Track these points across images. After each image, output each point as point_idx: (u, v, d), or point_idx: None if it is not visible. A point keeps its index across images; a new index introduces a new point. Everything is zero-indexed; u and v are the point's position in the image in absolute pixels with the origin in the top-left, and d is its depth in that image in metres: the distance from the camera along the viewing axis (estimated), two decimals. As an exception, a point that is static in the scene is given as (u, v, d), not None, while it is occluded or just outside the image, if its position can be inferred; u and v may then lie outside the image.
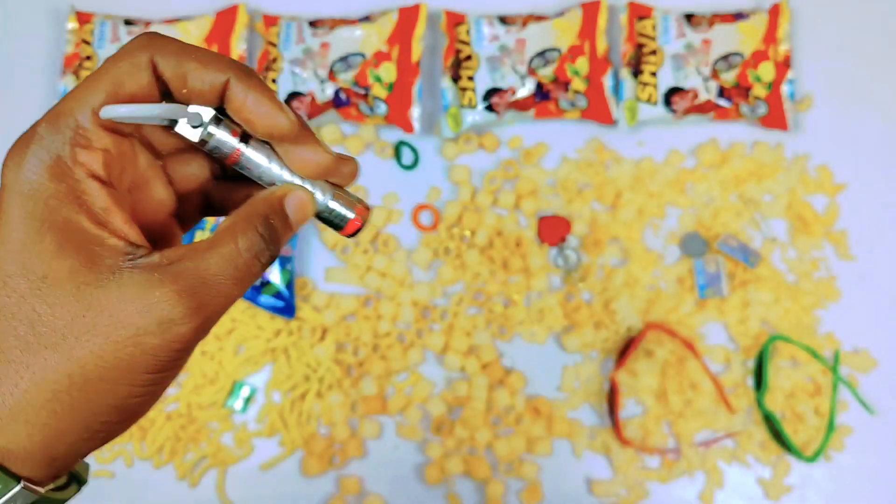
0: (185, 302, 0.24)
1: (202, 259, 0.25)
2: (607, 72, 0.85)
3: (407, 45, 0.84)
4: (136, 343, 0.24)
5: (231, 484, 0.79)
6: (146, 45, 0.26)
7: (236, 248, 0.26)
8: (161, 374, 0.26)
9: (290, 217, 0.29)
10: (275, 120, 0.27)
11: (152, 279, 0.24)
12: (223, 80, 0.26)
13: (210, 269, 0.25)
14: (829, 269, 0.84)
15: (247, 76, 0.27)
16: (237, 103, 0.27)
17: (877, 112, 0.89)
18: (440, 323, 0.82)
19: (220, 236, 0.26)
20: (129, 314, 0.24)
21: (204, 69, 0.26)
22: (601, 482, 0.79)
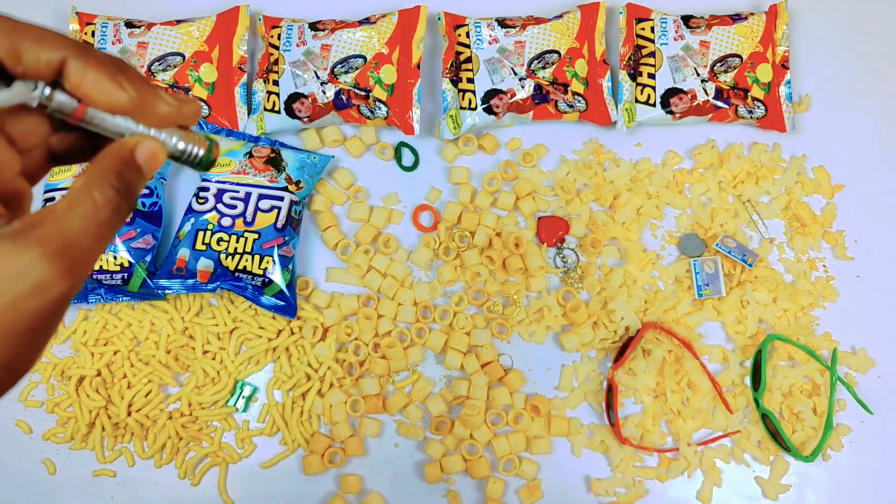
0: (55, 264, 0.25)
1: (64, 221, 0.26)
2: (606, 74, 0.86)
3: (407, 47, 0.85)
4: (14, 308, 0.25)
5: (232, 482, 0.80)
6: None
7: (95, 206, 0.27)
8: (40, 332, 0.26)
9: (143, 167, 0.29)
10: (114, 97, 0.28)
11: (18, 246, 0.25)
12: (59, 57, 0.27)
13: (73, 230, 0.26)
14: (827, 270, 0.85)
15: (84, 54, 0.27)
16: (75, 80, 0.27)
17: (874, 113, 0.89)
18: (440, 322, 0.82)
19: (76, 195, 0.27)
20: (2, 282, 0.25)
21: (39, 47, 0.26)
22: (600, 480, 0.79)
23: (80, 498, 0.80)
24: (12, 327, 0.25)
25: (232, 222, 0.79)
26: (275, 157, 0.82)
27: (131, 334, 0.81)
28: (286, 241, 0.80)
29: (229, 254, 0.78)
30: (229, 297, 0.82)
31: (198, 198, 0.80)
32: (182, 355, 0.81)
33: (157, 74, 0.84)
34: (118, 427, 0.80)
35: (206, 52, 0.85)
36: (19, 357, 0.26)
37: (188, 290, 0.79)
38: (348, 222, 0.86)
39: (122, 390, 0.80)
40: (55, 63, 0.27)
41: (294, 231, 0.81)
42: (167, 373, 0.81)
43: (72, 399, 0.80)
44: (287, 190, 0.81)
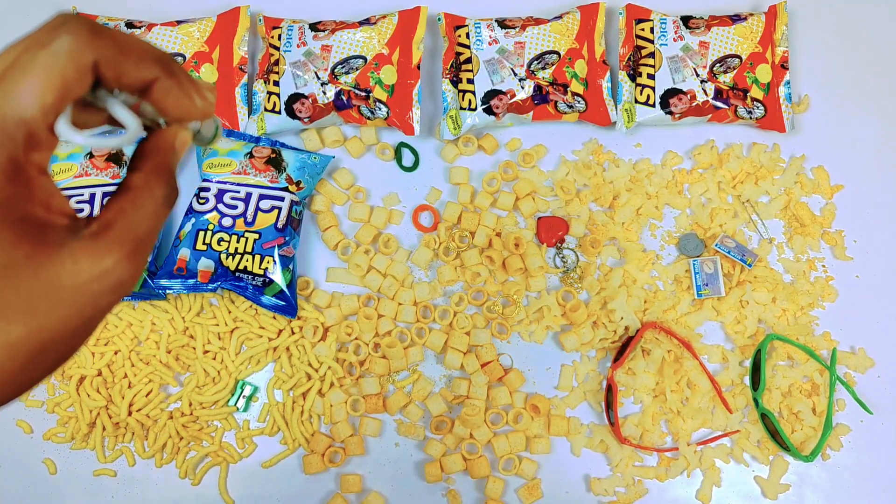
0: (132, 264, 0.28)
1: (134, 220, 0.29)
2: (605, 74, 0.86)
3: (407, 48, 0.85)
4: (95, 306, 0.27)
5: (233, 482, 0.80)
6: (88, 46, 0.27)
7: (156, 203, 0.30)
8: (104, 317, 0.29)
9: (179, 153, 0.32)
10: (187, 111, 0.30)
11: (100, 248, 0.27)
12: (152, 77, 0.29)
13: (142, 228, 0.29)
14: (826, 270, 0.85)
15: (171, 76, 0.29)
16: (158, 96, 0.29)
17: (873, 114, 0.89)
18: (440, 322, 0.83)
19: (140, 194, 0.29)
20: (87, 284, 0.27)
21: (137, 71, 0.28)
22: (599, 480, 0.79)
23: (81, 497, 0.80)
24: (89, 321, 0.28)
25: (232, 222, 0.79)
26: (275, 158, 0.82)
27: (132, 334, 0.82)
28: (287, 242, 0.80)
29: (230, 254, 0.78)
30: (230, 297, 0.82)
31: (198, 198, 0.80)
32: (183, 355, 0.81)
33: (158, 75, 0.84)
34: (119, 427, 0.80)
35: (207, 53, 0.85)
36: (78, 346, 0.29)
37: (189, 290, 0.79)
38: (349, 222, 0.86)
39: (122, 390, 0.80)
40: (147, 81, 0.29)
41: (294, 231, 0.81)
42: (168, 372, 0.81)
43: (72, 399, 0.80)
44: (287, 190, 0.81)
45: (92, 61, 0.27)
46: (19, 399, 0.81)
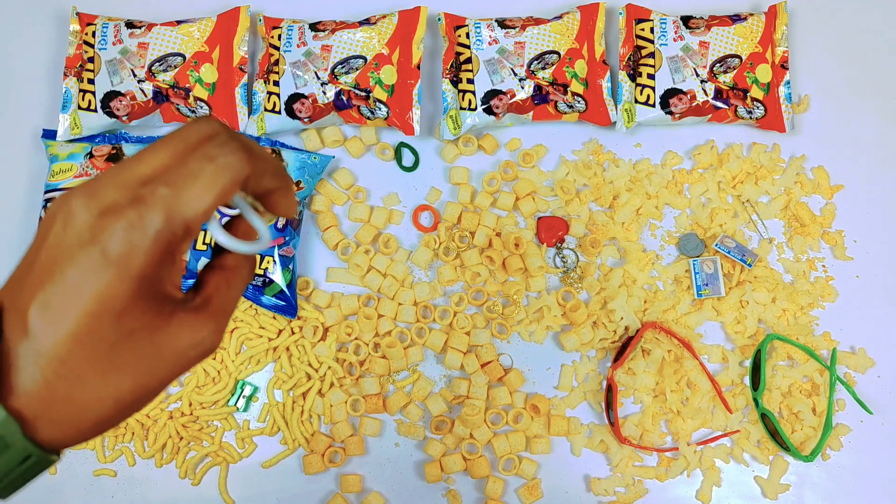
0: (220, 335, 0.34)
1: (228, 298, 0.35)
2: (605, 74, 0.86)
3: (407, 48, 0.85)
4: (186, 368, 0.33)
5: (233, 482, 0.80)
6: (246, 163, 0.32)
7: (244, 282, 0.36)
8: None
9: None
10: (287, 214, 0.36)
11: (200, 321, 0.33)
12: (273, 188, 0.34)
13: (232, 305, 0.35)
14: (826, 270, 0.85)
15: (286, 188, 0.35)
16: (276, 200, 0.35)
17: (873, 114, 0.89)
18: (440, 322, 0.83)
19: (233, 274, 0.35)
20: (186, 349, 0.32)
21: (268, 183, 0.34)
22: (599, 480, 0.79)
23: (81, 497, 0.80)
24: (176, 377, 0.33)
25: (232, 222, 0.79)
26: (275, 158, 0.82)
27: (132, 334, 0.81)
28: (287, 242, 0.80)
29: (230, 254, 0.78)
30: (230, 297, 0.82)
31: None
32: (183, 355, 0.81)
33: (158, 75, 0.84)
34: (118, 426, 0.80)
35: (207, 53, 0.85)
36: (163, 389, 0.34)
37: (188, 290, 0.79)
38: (348, 222, 0.86)
39: (122, 390, 0.80)
40: (268, 189, 0.34)
41: (294, 231, 0.81)
42: (168, 372, 0.81)
43: (72, 399, 0.80)
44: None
45: (247, 177, 0.32)
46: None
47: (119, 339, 0.30)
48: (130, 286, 0.30)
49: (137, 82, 0.84)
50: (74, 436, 0.31)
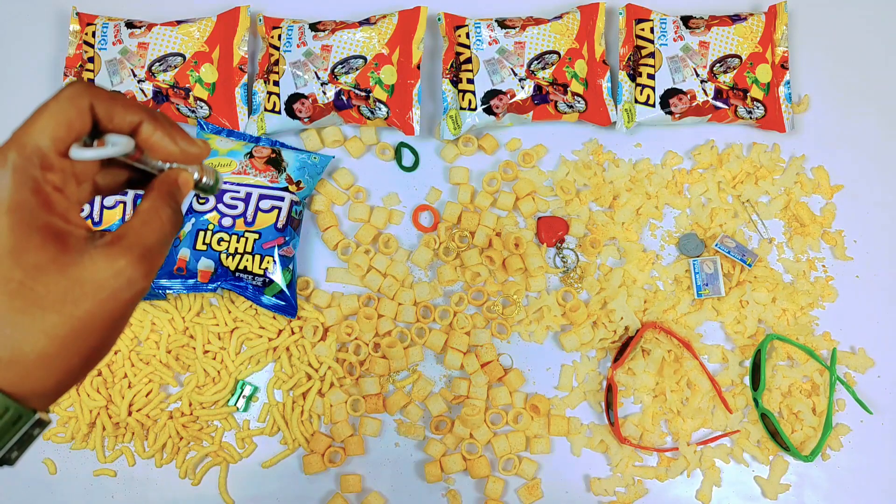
0: (140, 266, 0.35)
1: (142, 233, 0.36)
2: (605, 74, 0.86)
3: (407, 48, 0.85)
4: (114, 299, 0.34)
5: (233, 482, 0.80)
6: (84, 92, 0.35)
7: (161, 221, 0.37)
8: (123, 321, 0.36)
9: (182, 190, 0.39)
10: (169, 150, 0.38)
11: (113, 253, 0.34)
12: (138, 120, 0.36)
13: (150, 239, 0.36)
14: (826, 270, 0.85)
15: (154, 119, 0.37)
16: (145, 136, 0.37)
17: (873, 114, 0.89)
18: (440, 322, 0.83)
19: (147, 214, 0.37)
20: (105, 280, 0.34)
21: (125, 112, 0.36)
22: (599, 480, 0.79)
23: (81, 497, 0.80)
24: (111, 313, 0.34)
25: (232, 222, 0.79)
26: (275, 158, 0.82)
27: (132, 334, 0.82)
28: (287, 242, 0.80)
29: (230, 254, 0.78)
30: (230, 297, 0.82)
31: (198, 198, 0.80)
32: (183, 355, 0.81)
33: (158, 75, 0.84)
34: (119, 427, 0.80)
35: (207, 53, 0.85)
36: (109, 340, 0.35)
37: (189, 290, 0.79)
38: (348, 222, 0.86)
39: (122, 390, 0.80)
40: (134, 124, 0.36)
41: (294, 231, 0.81)
42: (168, 372, 0.81)
43: (72, 398, 0.80)
44: (287, 190, 0.81)
45: (88, 104, 0.34)
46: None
47: (27, 276, 0.32)
48: (9, 221, 0.32)
49: (137, 82, 0.84)
50: (27, 378, 0.33)
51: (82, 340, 0.34)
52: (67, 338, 0.33)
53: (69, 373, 0.34)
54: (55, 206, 0.34)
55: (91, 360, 0.35)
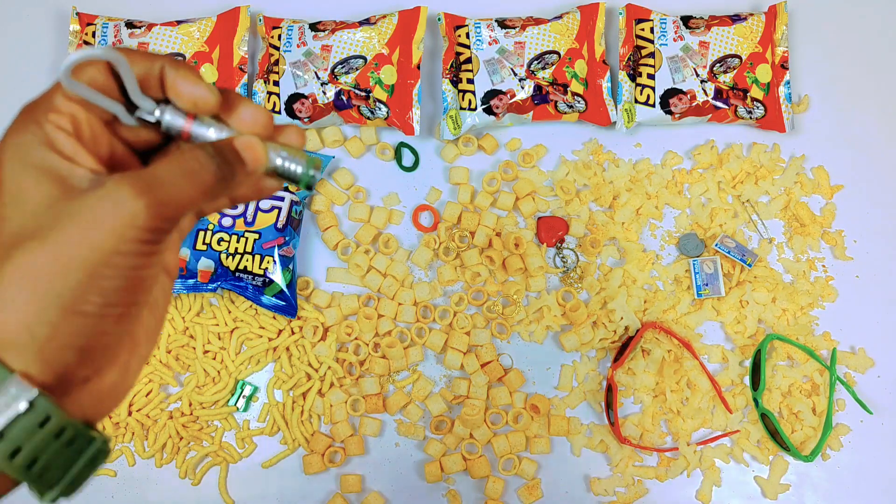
0: (144, 197, 0.29)
1: (157, 167, 0.31)
2: (605, 74, 0.86)
3: (407, 48, 0.85)
4: (112, 233, 0.29)
5: (233, 482, 0.80)
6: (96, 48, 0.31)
7: (184, 157, 0.31)
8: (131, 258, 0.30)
9: (242, 153, 0.33)
10: (197, 92, 0.33)
11: (113, 184, 0.30)
12: (159, 66, 0.32)
13: (165, 175, 0.31)
14: (826, 270, 0.85)
15: (175, 63, 0.33)
16: (168, 82, 0.33)
17: (873, 114, 0.89)
18: (440, 322, 0.83)
19: (177, 154, 0.32)
20: (101, 212, 0.29)
21: (144, 60, 0.32)
22: (599, 480, 0.79)
23: (81, 497, 0.80)
24: (109, 252, 0.29)
25: (232, 222, 0.79)
26: (275, 158, 0.82)
27: (132, 334, 0.81)
28: (287, 241, 0.80)
29: (230, 254, 0.78)
30: (230, 297, 0.82)
31: (286, 189, 0.80)
32: (183, 355, 0.81)
33: (158, 75, 0.84)
34: (119, 426, 0.80)
35: (207, 53, 0.85)
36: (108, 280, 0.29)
37: (189, 290, 0.79)
38: (348, 222, 0.86)
39: (122, 390, 0.80)
40: (156, 73, 0.32)
41: (294, 231, 0.81)
42: (168, 372, 0.81)
43: (72, 399, 0.80)
44: (287, 190, 0.81)
45: (100, 52, 0.31)
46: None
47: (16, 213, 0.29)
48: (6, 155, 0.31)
49: (137, 82, 0.84)
50: (40, 338, 0.28)
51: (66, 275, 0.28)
52: (44, 270, 0.28)
53: (53, 324, 0.28)
54: (57, 145, 0.31)
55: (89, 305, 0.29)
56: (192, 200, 0.31)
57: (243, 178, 0.33)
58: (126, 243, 0.29)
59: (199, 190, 0.32)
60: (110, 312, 0.30)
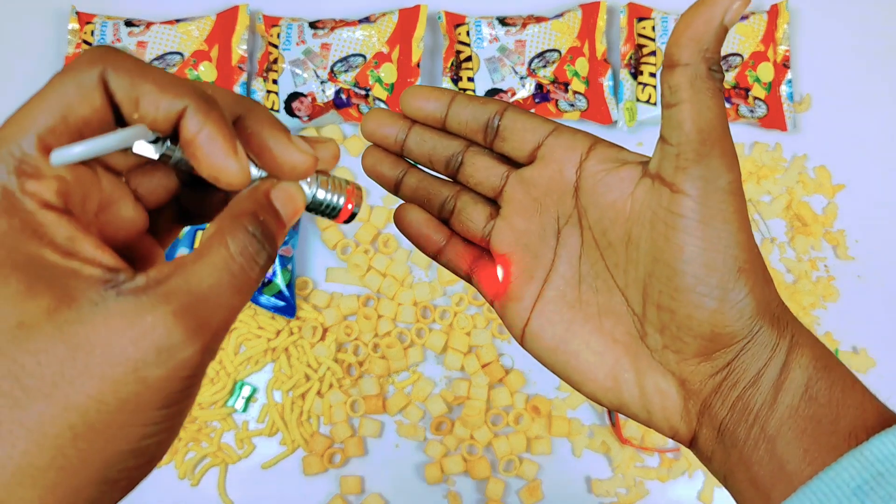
0: (183, 323, 0.22)
1: (193, 273, 0.23)
2: (606, 73, 0.86)
3: (407, 46, 0.85)
4: (137, 379, 0.21)
5: (232, 483, 0.79)
6: (98, 59, 0.23)
7: (228, 254, 0.23)
8: (173, 407, 0.23)
9: (281, 211, 0.26)
10: (223, 163, 0.24)
11: (141, 303, 0.21)
12: (180, 108, 0.23)
13: (204, 282, 0.23)
14: (828, 269, 0.84)
15: (207, 107, 0.24)
16: (189, 135, 0.24)
17: (875, 112, 0.89)
18: (440, 322, 0.82)
19: (208, 244, 0.24)
20: (122, 347, 0.21)
21: (160, 93, 0.23)
22: (601, 481, 0.79)
23: (79, 499, 0.79)
24: (137, 402, 0.22)
25: (231, 222, 0.79)
26: (274, 157, 0.82)
27: (130, 334, 0.81)
28: (286, 241, 0.80)
29: (229, 253, 0.78)
30: (229, 297, 0.82)
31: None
32: (181, 355, 0.81)
33: (157, 73, 0.83)
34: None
35: (206, 52, 0.85)
36: (149, 439, 0.23)
37: (187, 290, 0.78)
38: (348, 222, 0.85)
39: (121, 390, 0.80)
40: (174, 115, 0.24)
41: (293, 231, 0.81)
42: (166, 373, 0.80)
43: (70, 399, 0.80)
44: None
45: (98, 76, 0.23)
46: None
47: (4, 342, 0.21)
48: None
49: (136, 81, 0.83)
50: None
51: (89, 443, 0.21)
52: (62, 438, 0.21)
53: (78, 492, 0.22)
54: (47, 233, 0.22)
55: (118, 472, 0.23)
56: (241, 300, 0.24)
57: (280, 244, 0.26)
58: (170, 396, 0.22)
59: (248, 284, 0.24)
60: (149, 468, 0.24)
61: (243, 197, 0.26)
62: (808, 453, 0.29)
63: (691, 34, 0.29)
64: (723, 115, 0.30)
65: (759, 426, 0.30)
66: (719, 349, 0.31)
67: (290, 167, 0.27)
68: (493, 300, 0.37)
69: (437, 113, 0.36)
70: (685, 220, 0.29)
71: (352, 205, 0.30)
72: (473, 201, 0.37)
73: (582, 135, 0.36)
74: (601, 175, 0.34)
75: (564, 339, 0.35)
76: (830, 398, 0.29)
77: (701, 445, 0.32)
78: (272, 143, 0.26)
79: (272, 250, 0.25)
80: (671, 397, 0.32)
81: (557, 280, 0.35)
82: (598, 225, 0.34)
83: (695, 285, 0.30)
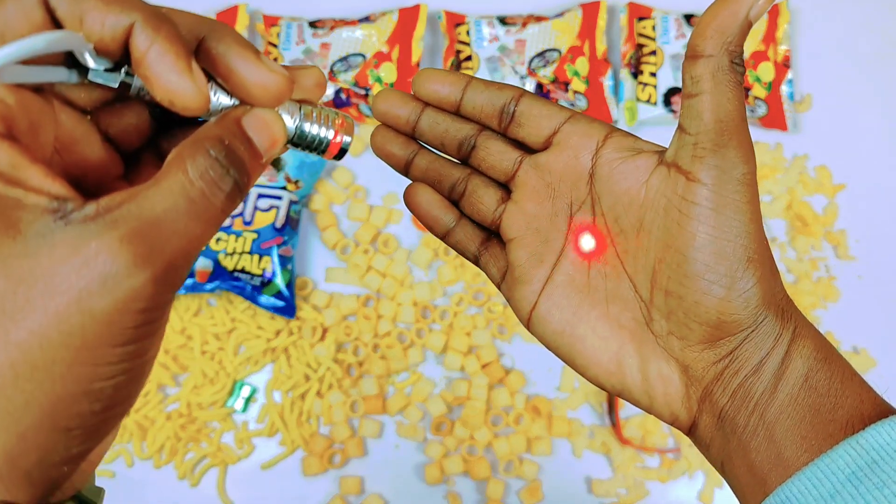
0: (130, 248, 0.20)
1: (146, 197, 0.21)
2: (607, 72, 0.86)
3: (407, 45, 0.85)
4: (81, 310, 0.20)
5: (231, 483, 0.79)
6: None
7: (187, 178, 0.21)
8: (129, 346, 0.21)
9: (254, 139, 0.24)
10: (176, 81, 0.22)
11: (87, 230, 0.20)
12: (126, 23, 0.21)
13: (157, 207, 0.21)
14: (829, 270, 0.84)
15: (156, 21, 0.21)
16: (138, 54, 0.21)
17: (875, 112, 0.89)
18: (440, 323, 0.82)
19: (166, 169, 0.21)
20: (64, 276, 0.19)
21: (105, 8, 0.21)
22: (601, 482, 0.79)
23: (78, 499, 0.79)
24: (84, 337, 0.20)
25: (230, 221, 0.79)
26: (274, 157, 0.82)
27: (129, 334, 0.81)
28: (285, 241, 0.79)
29: (228, 253, 0.78)
30: (228, 298, 0.82)
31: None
32: (180, 355, 0.81)
33: (156, 73, 0.83)
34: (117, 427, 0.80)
35: (205, 51, 0.85)
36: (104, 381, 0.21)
37: (186, 291, 0.78)
38: (348, 222, 0.85)
39: (120, 391, 0.80)
40: (121, 31, 0.21)
41: (293, 230, 0.81)
42: (166, 373, 0.80)
43: (69, 400, 0.79)
44: (286, 189, 0.81)
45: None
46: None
47: None
48: None
49: (135, 80, 0.83)
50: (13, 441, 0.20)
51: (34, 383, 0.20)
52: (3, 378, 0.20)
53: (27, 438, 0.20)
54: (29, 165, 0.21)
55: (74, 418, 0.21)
56: (202, 229, 0.22)
57: (254, 176, 0.24)
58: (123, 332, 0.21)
59: (210, 211, 0.22)
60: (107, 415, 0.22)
61: (210, 123, 0.23)
62: (805, 441, 0.29)
63: (716, 26, 0.29)
64: (742, 108, 0.30)
65: (758, 413, 0.30)
66: (724, 337, 0.31)
67: (261, 89, 0.24)
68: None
69: (452, 97, 0.36)
70: (699, 207, 0.30)
71: (341, 137, 0.27)
72: (484, 184, 0.37)
73: (598, 123, 0.36)
74: (617, 163, 0.35)
75: (571, 323, 0.35)
76: (829, 388, 0.30)
77: (700, 432, 0.33)
78: (239, 63, 0.24)
79: (241, 178, 0.23)
80: (673, 383, 0.33)
81: (567, 265, 0.36)
82: (611, 212, 0.35)
83: (704, 272, 0.30)
